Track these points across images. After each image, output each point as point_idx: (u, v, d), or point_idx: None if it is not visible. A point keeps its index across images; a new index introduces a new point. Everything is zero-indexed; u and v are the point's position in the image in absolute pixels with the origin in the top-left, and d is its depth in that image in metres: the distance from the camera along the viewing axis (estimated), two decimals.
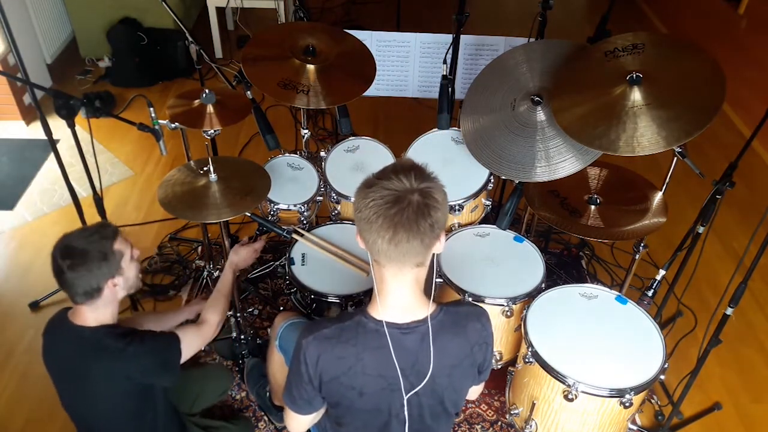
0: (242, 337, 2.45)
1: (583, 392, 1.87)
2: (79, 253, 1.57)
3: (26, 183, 3.39)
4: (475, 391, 1.63)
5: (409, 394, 1.36)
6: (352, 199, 1.76)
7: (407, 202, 1.20)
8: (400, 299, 1.32)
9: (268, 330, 2.56)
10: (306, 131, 2.84)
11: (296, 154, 2.69)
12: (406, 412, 1.39)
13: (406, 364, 1.33)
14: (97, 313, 1.64)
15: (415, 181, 1.23)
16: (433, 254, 1.30)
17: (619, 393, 1.86)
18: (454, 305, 1.43)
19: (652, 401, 2.44)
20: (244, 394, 2.41)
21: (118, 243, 1.66)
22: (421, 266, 1.29)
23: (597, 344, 1.98)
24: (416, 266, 1.27)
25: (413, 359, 1.34)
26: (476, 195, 2.41)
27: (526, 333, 2.02)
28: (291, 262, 2.24)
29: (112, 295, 1.64)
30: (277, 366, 2.09)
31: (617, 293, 2.13)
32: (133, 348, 1.62)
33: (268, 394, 2.26)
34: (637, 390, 1.86)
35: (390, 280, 1.29)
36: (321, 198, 2.56)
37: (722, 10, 4.30)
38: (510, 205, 2.24)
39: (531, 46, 2.41)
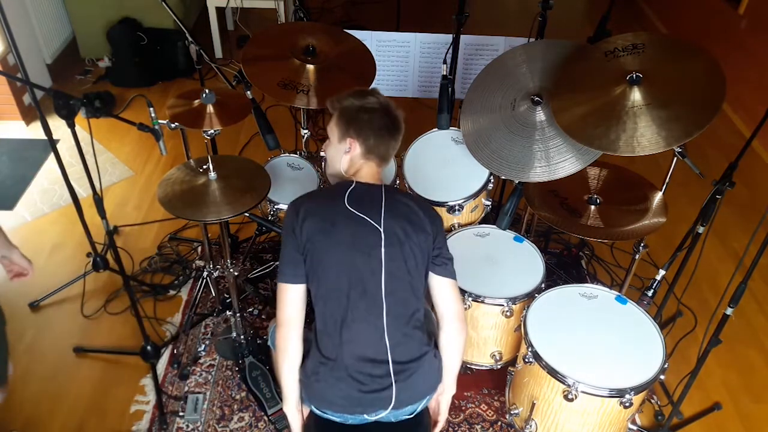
0: (242, 337, 2.45)
1: (582, 392, 1.87)
2: None
3: (26, 183, 3.39)
4: (442, 288, 1.73)
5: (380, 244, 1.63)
6: None
7: (393, 116, 1.71)
8: (364, 176, 1.72)
9: (269, 329, 2.56)
10: (306, 131, 2.84)
11: (296, 154, 2.69)
12: (383, 234, 1.62)
13: (365, 201, 1.66)
14: None
15: (382, 98, 1.73)
16: None
17: (619, 393, 1.86)
18: None
19: (652, 401, 2.44)
20: (243, 394, 2.41)
21: None
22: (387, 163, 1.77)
23: (597, 344, 1.98)
24: (386, 161, 1.75)
25: (372, 200, 1.66)
26: (476, 195, 2.41)
27: (526, 333, 2.02)
28: None
29: None
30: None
31: (617, 293, 2.13)
32: None
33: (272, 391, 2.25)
34: (637, 390, 1.86)
35: (365, 169, 1.72)
36: None
37: (722, 10, 4.30)
38: (510, 205, 2.24)
39: (531, 46, 2.41)
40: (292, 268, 1.65)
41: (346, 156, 1.73)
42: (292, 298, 1.66)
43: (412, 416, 1.74)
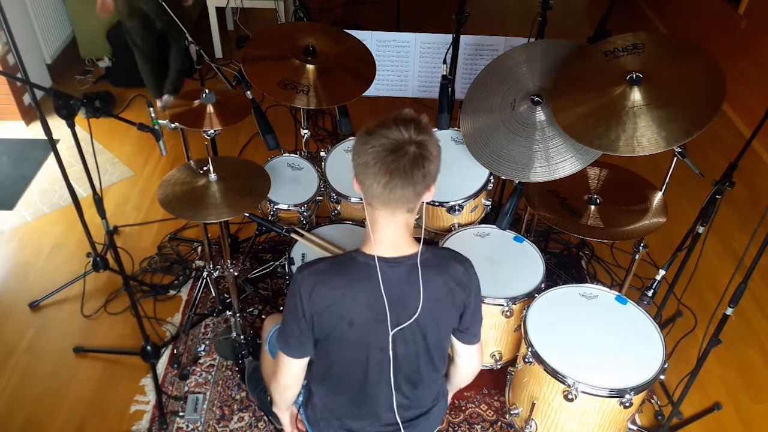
0: (242, 337, 2.45)
1: (582, 392, 1.87)
2: None
3: (26, 183, 3.39)
4: (467, 353, 1.66)
5: (395, 330, 1.45)
6: (352, 199, 1.75)
7: (404, 152, 1.28)
8: (390, 238, 1.42)
9: (264, 330, 2.56)
10: (306, 131, 2.84)
11: (296, 154, 2.69)
12: (390, 343, 1.45)
13: (393, 295, 1.42)
14: None
15: (414, 133, 1.30)
16: (423, 202, 1.43)
17: (619, 393, 1.86)
18: (440, 248, 1.61)
19: (652, 401, 2.44)
20: (243, 394, 2.41)
21: None
22: (411, 212, 1.40)
23: (597, 344, 1.98)
24: (407, 212, 1.39)
25: (400, 292, 1.43)
26: (476, 195, 2.41)
27: (526, 333, 2.02)
28: (291, 261, 2.24)
29: None
30: (270, 368, 2.08)
31: (617, 293, 2.13)
32: None
33: (269, 397, 2.26)
34: (637, 390, 1.86)
35: (382, 221, 1.40)
36: (321, 198, 2.56)
37: (722, 10, 4.30)
38: (510, 205, 2.24)
39: (531, 46, 2.41)
40: (298, 344, 1.50)
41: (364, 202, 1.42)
42: (296, 369, 1.57)
43: None
